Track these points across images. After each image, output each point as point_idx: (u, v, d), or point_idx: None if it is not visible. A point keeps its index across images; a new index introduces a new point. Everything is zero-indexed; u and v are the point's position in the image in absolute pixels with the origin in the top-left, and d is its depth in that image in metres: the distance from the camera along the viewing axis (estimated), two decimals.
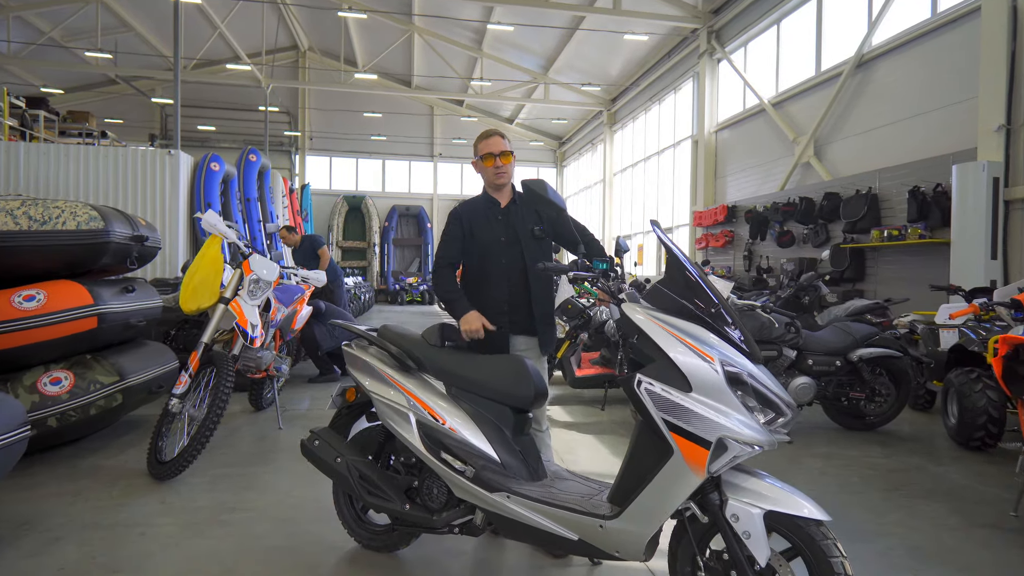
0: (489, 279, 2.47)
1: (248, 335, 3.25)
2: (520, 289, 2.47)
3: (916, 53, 7.18)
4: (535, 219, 2.51)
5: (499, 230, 2.49)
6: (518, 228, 2.48)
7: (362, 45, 17.72)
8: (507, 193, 2.57)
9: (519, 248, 2.47)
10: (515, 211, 2.52)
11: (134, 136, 19.34)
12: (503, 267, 2.46)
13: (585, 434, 4.22)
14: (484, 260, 2.47)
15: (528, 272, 2.46)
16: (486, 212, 2.52)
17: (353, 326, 2.41)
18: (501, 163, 2.47)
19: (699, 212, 11.46)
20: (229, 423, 4.30)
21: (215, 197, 10.28)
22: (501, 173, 2.49)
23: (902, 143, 7.32)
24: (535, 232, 2.48)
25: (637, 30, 12.59)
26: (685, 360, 1.68)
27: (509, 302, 2.46)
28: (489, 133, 2.53)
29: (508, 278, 2.46)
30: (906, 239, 6.73)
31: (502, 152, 2.48)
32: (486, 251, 2.47)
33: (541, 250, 2.51)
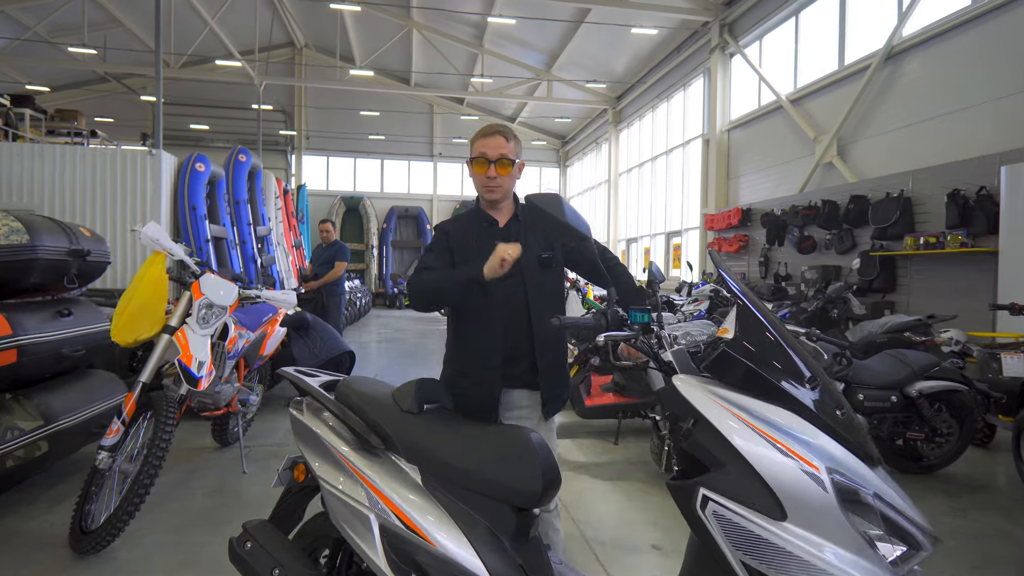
0: (480, 320, 1.90)
1: (193, 375, 2.68)
2: (521, 333, 1.90)
3: (955, 44, 6.59)
4: (543, 242, 1.94)
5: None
6: (520, 255, 1.92)
7: (359, 41, 17.15)
8: (507, 208, 2.00)
9: (520, 280, 1.88)
10: (517, 232, 1.94)
11: (126, 135, 18.77)
12: (499, 304, 1.88)
13: (597, 479, 3.65)
14: (475, 297, 1.89)
15: (532, 312, 1.89)
16: (479, 232, 1.94)
17: (305, 380, 1.84)
18: (495, 173, 1.88)
19: (711, 215, 10.88)
20: (187, 462, 3.74)
21: (200, 199, 9.73)
22: (493, 187, 1.90)
23: (938, 142, 6.73)
24: (542, 260, 1.91)
25: (645, 23, 12.00)
26: (776, 469, 1.11)
27: (505, 350, 1.89)
28: (490, 130, 1.92)
29: (505, 318, 1.89)
30: (945, 247, 6.15)
31: (500, 159, 1.87)
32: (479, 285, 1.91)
33: (549, 283, 1.95)
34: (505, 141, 1.90)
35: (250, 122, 19.12)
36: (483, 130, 1.94)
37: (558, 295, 1.99)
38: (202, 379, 2.69)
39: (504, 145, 1.89)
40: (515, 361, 1.91)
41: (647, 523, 3.03)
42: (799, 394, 1.18)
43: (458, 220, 2.01)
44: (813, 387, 1.20)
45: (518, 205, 2.00)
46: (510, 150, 1.90)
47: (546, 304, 1.92)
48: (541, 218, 1.46)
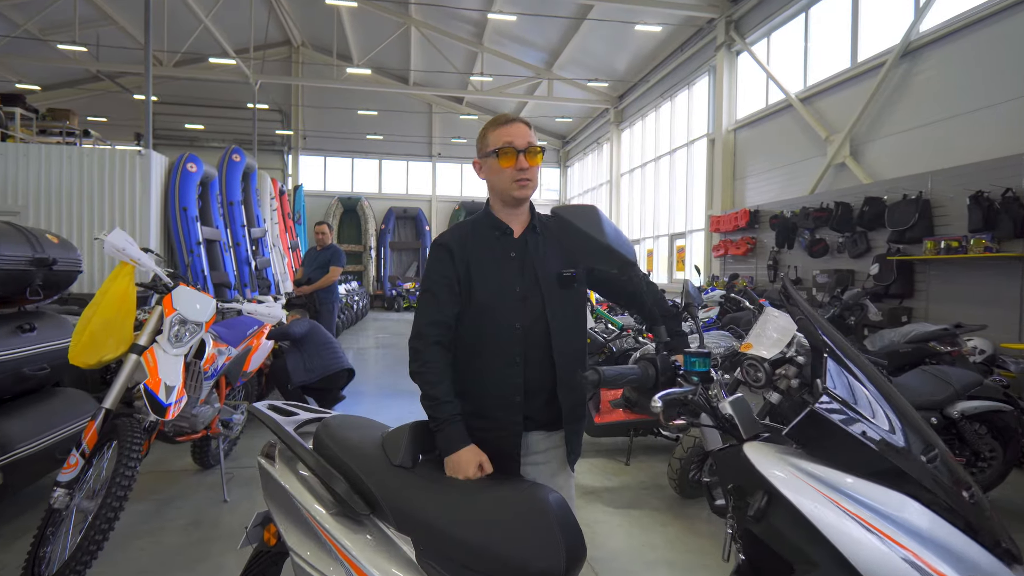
0: (494, 352, 1.59)
1: (160, 403, 2.38)
2: (540, 364, 1.60)
3: (978, 39, 6.31)
4: (563, 256, 1.66)
5: (512, 274, 1.61)
6: (539, 271, 1.61)
7: (357, 40, 16.85)
8: (523, 215, 1.69)
9: (540, 302, 1.60)
10: (534, 244, 1.65)
11: (119, 135, 18.46)
12: (517, 333, 1.58)
13: (609, 507, 3.36)
14: (486, 321, 1.59)
15: (553, 340, 1.60)
16: (492, 245, 1.64)
17: (277, 421, 1.55)
18: (527, 163, 1.60)
19: (716, 217, 10.60)
20: (163, 489, 3.45)
21: (192, 201, 9.43)
22: (525, 180, 1.61)
23: (959, 141, 6.45)
24: (563, 279, 1.62)
25: (648, 20, 11.72)
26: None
27: (525, 387, 1.59)
28: (508, 118, 1.65)
29: (524, 349, 1.58)
30: (968, 252, 5.86)
31: (529, 147, 1.60)
32: (490, 307, 1.59)
33: (571, 305, 1.66)
34: (528, 129, 1.63)
35: (246, 122, 18.82)
36: (500, 119, 1.64)
37: (580, 319, 1.69)
38: (171, 407, 2.40)
39: (529, 133, 1.62)
40: (535, 399, 1.61)
41: (665, 563, 2.74)
42: (912, 469, 0.90)
43: (461, 229, 1.68)
44: (930, 460, 0.91)
45: (534, 212, 1.72)
46: (535, 139, 1.64)
47: (568, 330, 1.63)
48: (574, 237, 1.17)
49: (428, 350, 1.56)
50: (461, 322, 1.61)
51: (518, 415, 1.58)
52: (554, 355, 1.59)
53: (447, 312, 1.59)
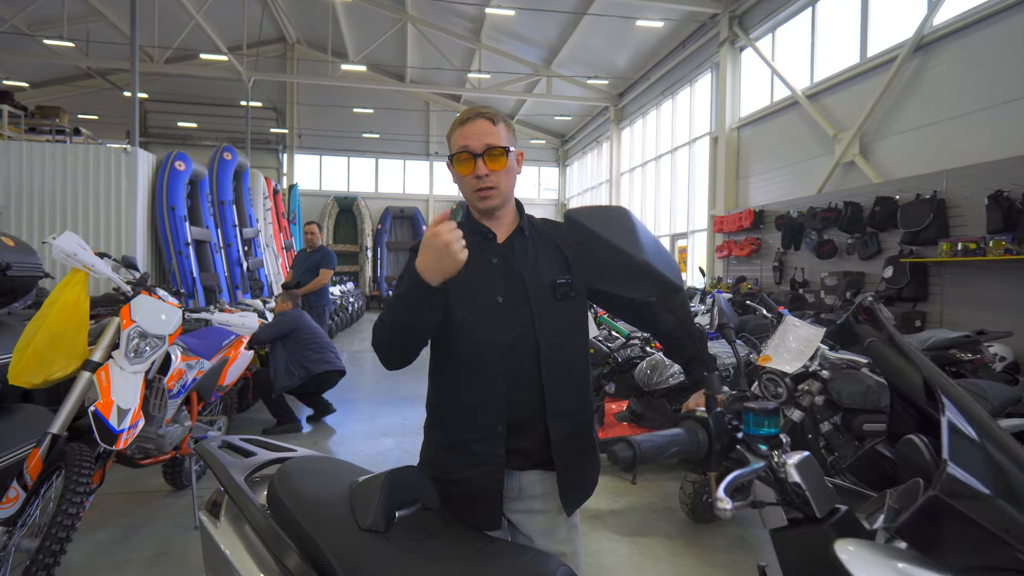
0: (472, 373, 1.37)
1: (110, 429, 2.11)
2: (530, 390, 1.36)
3: (994, 32, 6.06)
4: (556, 261, 1.43)
5: (493, 282, 1.39)
6: (527, 279, 1.39)
7: (352, 36, 16.57)
8: (508, 217, 1.47)
9: (527, 313, 1.37)
10: (522, 248, 1.43)
11: (110, 133, 18.14)
12: (499, 350, 1.35)
13: (616, 534, 3.09)
14: (463, 337, 1.36)
15: (543, 358, 1.36)
16: (471, 250, 1.38)
17: (225, 466, 1.29)
18: (485, 170, 1.36)
19: (720, 217, 10.34)
20: (130, 512, 3.18)
21: (180, 200, 9.15)
22: (486, 191, 1.38)
23: (976, 139, 6.20)
24: (557, 287, 1.39)
25: (650, 16, 11.45)
26: None
27: (508, 414, 1.35)
28: (469, 114, 1.40)
29: (507, 369, 1.35)
30: (987, 254, 5.61)
31: (488, 149, 1.35)
32: (467, 320, 1.36)
33: (567, 318, 1.41)
34: (491, 125, 1.37)
35: (240, 120, 18.52)
36: (460, 118, 1.40)
37: (579, 335, 1.44)
38: (123, 434, 2.13)
39: (490, 130, 1.36)
40: (522, 430, 1.36)
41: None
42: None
43: None
44: None
45: (523, 214, 1.49)
46: (500, 136, 1.37)
47: (563, 348, 1.39)
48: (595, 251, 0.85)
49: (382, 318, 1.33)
50: (438, 335, 1.38)
51: (499, 448, 1.33)
52: (542, 373, 1.35)
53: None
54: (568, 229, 0.88)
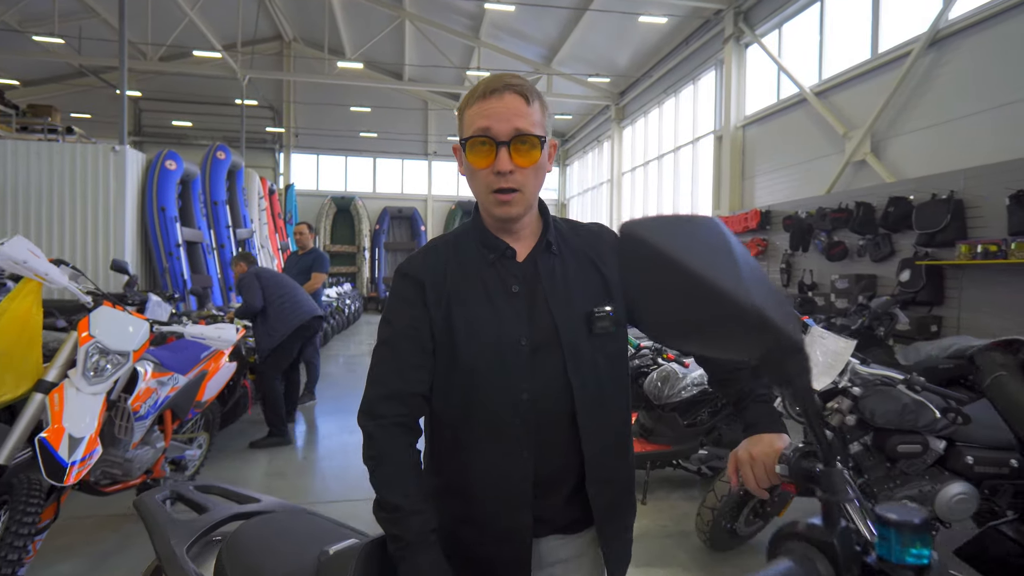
0: (490, 434, 1.07)
1: (58, 461, 1.86)
2: (561, 449, 1.08)
3: (1013, 26, 5.82)
4: (592, 282, 1.11)
5: (514, 318, 1.07)
6: (556, 311, 1.07)
7: (349, 34, 16.33)
8: (530, 227, 1.13)
9: (559, 357, 1.06)
10: (550, 270, 1.10)
11: (104, 132, 17.86)
12: (523, 405, 1.05)
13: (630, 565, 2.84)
14: (477, 390, 1.06)
15: (579, 414, 1.07)
16: (483, 274, 1.10)
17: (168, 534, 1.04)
18: (510, 165, 1.01)
19: (725, 217, 10.09)
20: (100, 541, 2.92)
21: (171, 200, 8.90)
22: (506, 194, 1.04)
23: (994, 137, 5.97)
24: (594, 319, 1.08)
25: (653, 11, 11.21)
26: None
27: (536, 479, 1.07)
28: (496, 84, 1.03)
29: (535, 429, 1.06)
30: (1008, 257, 5.37)
31: (517, 136, 1.01)
32: (482, 369, 1.06)
33: (607, 358, 1.11)
34: (524, 103, 1.01)
35: (235, 119, 18.27)
36: (482, 86, 1.04)
37: (620, 377, 1.15)
38: (72, 467, 1.88)
39: (522, 110, 1.01)
40: (549, 494, 1.09)
41: None
42: None
43: (438, 250, 1.14)
44: None
45: (548, 220, 1.14)
46: (534, 119, 1.02)
47: (604, 399, 1.10)
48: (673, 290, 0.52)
49: (385, 435, 1.04)
50: (440, 390, 1.09)
51: (527, 518, 1.07)
52: (581, 435, 1.07)
53: (413, 378, 1.06)
54: (626, 252, 0.55)
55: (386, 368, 1.08)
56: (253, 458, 4.29)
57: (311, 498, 3.58)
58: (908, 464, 2.74)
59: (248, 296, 4.64)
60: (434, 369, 1.08)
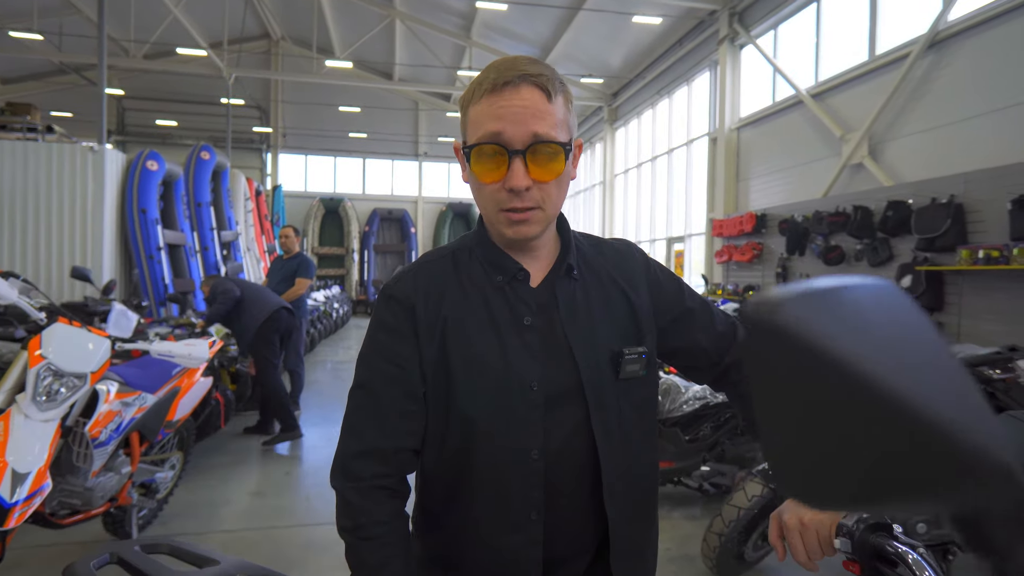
0: (493, 498, 0.88)
1: (1, 502, 1.65)
2: (577, 516, 0.90)
3: (1012, 29, 5.73)
4: (619, 312, 0.93)
5: (525, 357, 0.87)
6: (578, 349, 0.88)
7: (338, 33, 16.08)
8: (548, 246, 0.94)
9: (580, 406, 0.88)
10: (569, 297, 0.91)
11: (87, 131, 17.46)
12: (534, 465, 0.86)
13: None
14: (478, 445, 0.87)
15: (605, 473, 0.89)
16: (489, 301, 0.90)
17: None
18: (528, 180, 0.81)
19: (719, 220, 9.98)
20: None
21: (152, 202, 8.63)
22: (522, 213, 0.84)
23: (995, 140, 5.87)
24: (624, 361, 0.89)
25: (647, 11, 11.09)
26: None
27: (547, 553, 0.89)
28: (508, 76, 0.81)
29: (547, 492, 0.87)
30: (1011, 262, 5.27)
31: (535, 144, 0.80)
32: (483, 420, 0.87)
33: (636, 409, 0.93)
34: (545, 99, 0.81)
35: (222, 118, 17.94)
36: (493, 75, 0.82)
37: (650, 430, 0.97)
38: (15, 508, 1.67)
39: (543, 109, 0.81)
40: (561, 568, 0.92)
41: None
42: None
43: (434, 267, 0.93)
44: None
45: (568, 236, 0.94)
46: (556, 120, 0.82)
47: (631, 455, 0.92)
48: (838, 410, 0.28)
49: (364, 500, 0.85)
50: (432, 443, 0.90)
51: (534, 568, 0.89)
52: (606, 503, 0.89)
53: (399, 430, 0.87)
54: (758, 353, 0.31)
55: (364, 418, 0.88)
56: (231, 475, 4.07)
57: (294, 520, 3.38)
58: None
59: (222, 288, 4.77)
60: (426, 416, 0.89)
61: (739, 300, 7.57)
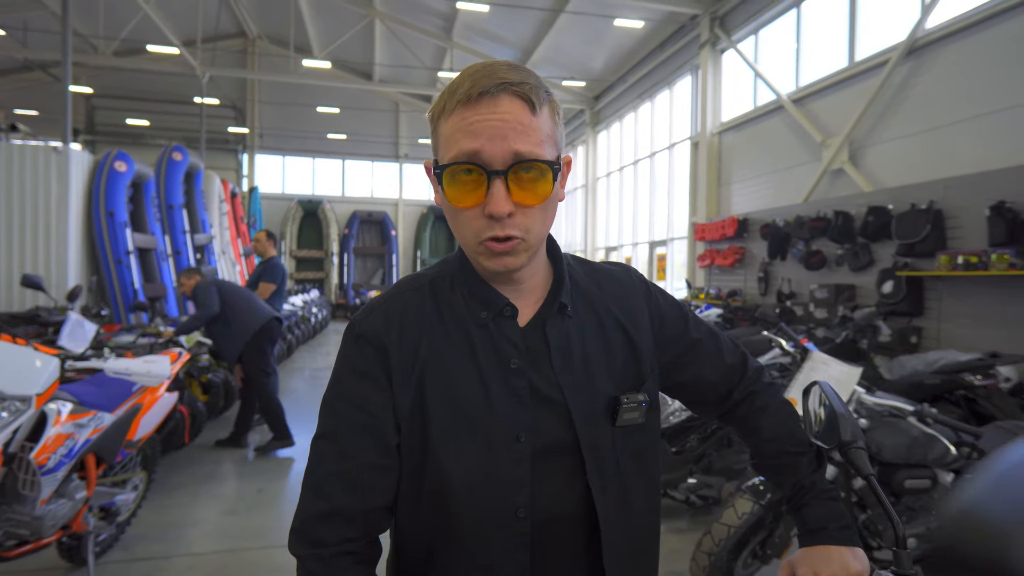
0: (472, 558, 0.77)
1: None
2: (570, 567, 0.80)
3: (992, 36, 5.80)
4: (618, 352, 0.83)
5: (511, 406, 0.77)
6: (572, 397, 0.78)
7: (317, 32, 15.81)
8: (536, 277, 0.82)
9: (574, 463, 0.78)
10: (562, 336, 0.81)
11: (53, 130, 16.90)
12: (519, 526, 0.76)
13: None
14: (456, 505, 0.76)
15: (604, 536, 0.79)
16: (471, 340, 0.79)
17: None
18: (510, 205, 0.70)
19: (701, 225, 9.99)
20: None
21: (120, 204, 8.32)
22: (504, 243, 0.72)
23: (974, 147, 5.94)
24: (622, 409, 0.79)
25: (629, 15, 11.07)
26: None
27: None
28: (485, 85, 0.70)
29: (535, 558, 0.77)
30: (989, 268, 5.32)
31: (517, 164, 0.70)
32: (463, 477, 0.76)
33: (637, 461, 0.83)
34: (529, 111, 0.72)
35: (196, 118, 17.51)
36: (468, 82, 0.72)
37: (650, 477, 0.86)
38: None
39: (525, 122, 0.71)
40: None
41: None
42: None
43: (408, 299, 0.82)
44: None
45: (560, 264, 0.84)
46: (541, 134, 0.72)
47: (632, 515, 0.83)
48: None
49: (326, 568, 0.73)
50: (406, 500, 0.79)
51: None
52: (604, 557, 0.79)
53: (370, 487, 0.76)
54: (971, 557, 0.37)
55: (329, 474, 0.76)
56: (201, 493, 3.88)
57: (267, 540, 3.21)
58: (915, 500, 2.54)
59: (204, 299, 4.57)
60: (400, 471, 0.78)
61: (722, 305, 7.56)
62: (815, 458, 0.91)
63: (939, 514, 0.73)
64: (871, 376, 4.55)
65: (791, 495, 0.91)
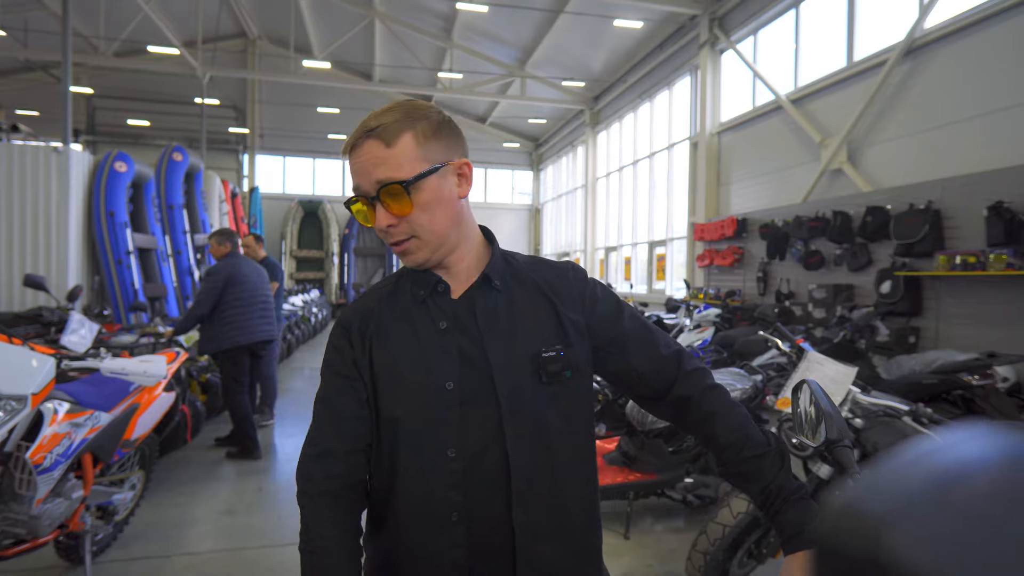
0: (413, 505, 0.92)
1: None
2: (496, 531, 0.90)
3: (991, 36, 5.81)
4: (544, 321, 0.95)
5: (439, 359, 0.93)
6: (492, 352, 0.91)
7: (317, 33, 15.83)
8: (466, 261, 0.98)
9: (493, 409, 0.90)
10: (490, 306, 0.95)
11: (54, 130, 16.93)
12: (451, 466, 0.90)
13: None
14: (398, 446, 0.93)
15: (514, 481, 0.89)
16: (409, 312, 0.97)
17: None
18: (389, 218, 0.90)
19: (700, 225, 10.00)
20: None
21: (120, 204, 8.34)
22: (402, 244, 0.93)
23: (972, 147, 5.94)
24: (543, 363, 0.92)
25: (628, 15, 11.08)
26: None
27: (470, 563, 0.90)
28: (354, 137, 0.91)
29: (465, 496, 0.90)
30: (987, 268, 5.32)
31: (383, 187, 0.88)
32: (402, 423, 0.92)
33: (559, 414, 0.93)
34: (383, 147, 0.88)
35: (196, 118, 17.54)
36: (352, 134, 0.92)
37: (580, 444, 0.97)
38: None
39: (382, 156, 0.88)
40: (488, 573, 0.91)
41: None
42: None
43: (376, 292, 1.02)
44: None
45: (496, 254, 1.00)
46: (400, 160, 0.88)
47: (550, 463, 0.92)
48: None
49: (314, 509, 0.92)
50: (374, 445, 0.97)
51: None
52: (513, 512, 0.89)
53: (349, 431, 0.94)
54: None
55: (322, 424, 0.97)
56: (200, 492, 3.89)
57: (265, 540, 3.22)
58: None
59: (200, 297, 4.38)
60: (367, 422, 0.96)
61: (721, 304, 7.56)
62: (778, 456, 0.93)
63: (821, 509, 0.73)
64: (869, 376, 4.55)
65: (762, 503, 0.93)
